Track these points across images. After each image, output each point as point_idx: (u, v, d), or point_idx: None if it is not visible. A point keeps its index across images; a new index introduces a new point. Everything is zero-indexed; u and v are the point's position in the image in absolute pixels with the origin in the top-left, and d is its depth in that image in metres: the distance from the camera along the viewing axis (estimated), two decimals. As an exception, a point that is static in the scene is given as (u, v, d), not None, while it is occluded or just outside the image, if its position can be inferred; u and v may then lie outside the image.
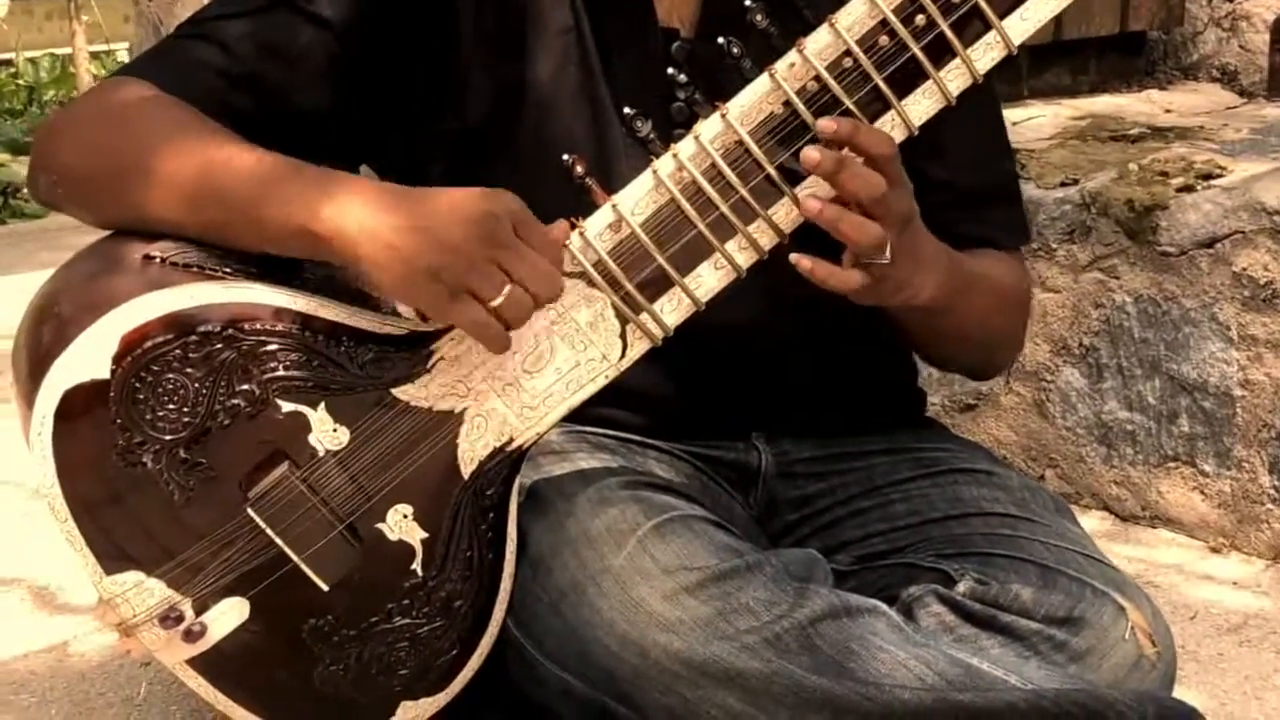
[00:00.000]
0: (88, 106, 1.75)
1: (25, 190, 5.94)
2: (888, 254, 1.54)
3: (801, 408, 1.88)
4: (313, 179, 1.55)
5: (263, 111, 1.67)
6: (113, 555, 1.57)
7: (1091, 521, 2.79)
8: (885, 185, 1.50)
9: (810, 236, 1.55)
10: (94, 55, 8.76)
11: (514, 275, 1.49)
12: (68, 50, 8.48)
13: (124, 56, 9.03)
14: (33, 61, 9.29)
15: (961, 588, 1.68)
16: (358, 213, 1.51)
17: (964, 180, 1.79)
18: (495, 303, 1.49)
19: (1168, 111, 3.34)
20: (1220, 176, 2.73)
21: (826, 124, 1.48)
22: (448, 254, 1.48)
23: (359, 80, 1.70)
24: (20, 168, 6.47)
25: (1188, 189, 2.71)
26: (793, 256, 1.53)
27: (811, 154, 1.48)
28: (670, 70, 1.71)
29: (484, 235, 1.48)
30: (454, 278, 1.48)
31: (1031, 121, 3.22)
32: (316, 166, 1.57)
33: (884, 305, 1.66)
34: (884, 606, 1.62)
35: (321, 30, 1.68)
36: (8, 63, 9.80)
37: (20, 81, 8.99)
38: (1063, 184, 2.85)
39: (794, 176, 1.52)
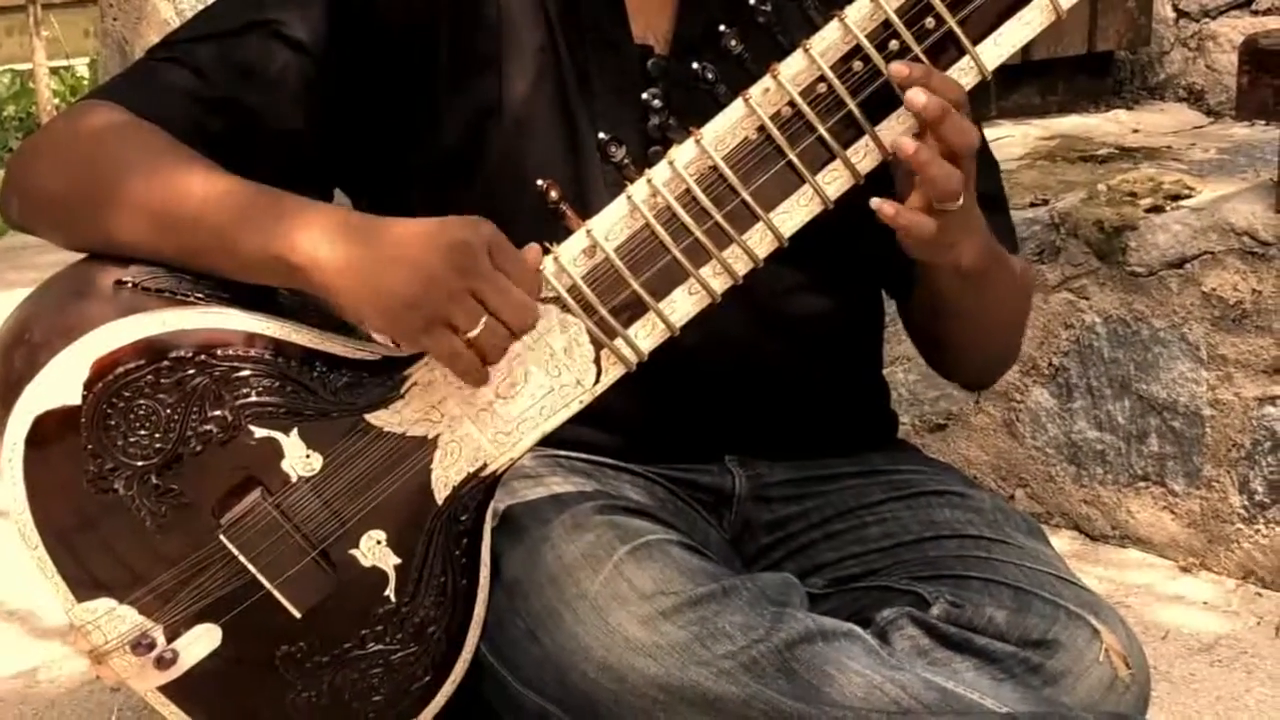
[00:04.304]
0: (61, 130, 1.73)
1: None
2: (961, 201, 1.55)
3: (775, 430, 1.88)
4: (289, 208, 1.54)
5: (237, 135, 1.66)
6: (84, 582, 1.56)
7: (1061, 541, 2.80)
8: (979, 137, 1.52)
9: (797, 255, 1.55)
10: (54, 71, 8.69)
11: (490, 306, 1.49)
12: (28, 66, 8.42)
13: (84, 72, 8.97)
14: (-9, 78, 9.24)
15: (936, 611, 1.68)
16: (333, 244, 1.50)
17: None
18: (471, 334, 1.49)
19: (1135, 131, 3.36)
20: (1189, 197, 2.75)
21: (899, 68, 1.48)
22: (424, 284, 1.47)
23: (334, 103, 1.69)
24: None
25: (1156, 209, 2.73)
26: (873, 201, 1.53)
27: (917, 97, 1.48)
28: (646, 95, 1.71)
29: (461, 264, 1.48)
30: (431, 308, 1.48)
31: (1001, 142, 3.23)
32: (292, 195, 1.56)
33: (933, 262, 1.67)
34: (859, 630, 1.61)
35: (295, 53, 1.68)
36: (-34, 79, 9.73)
37: (-21, 98, 8.93)
38: (1032, 204, 2.86)
39: (768, 201, 1.52)
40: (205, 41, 1.70)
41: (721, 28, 1.50)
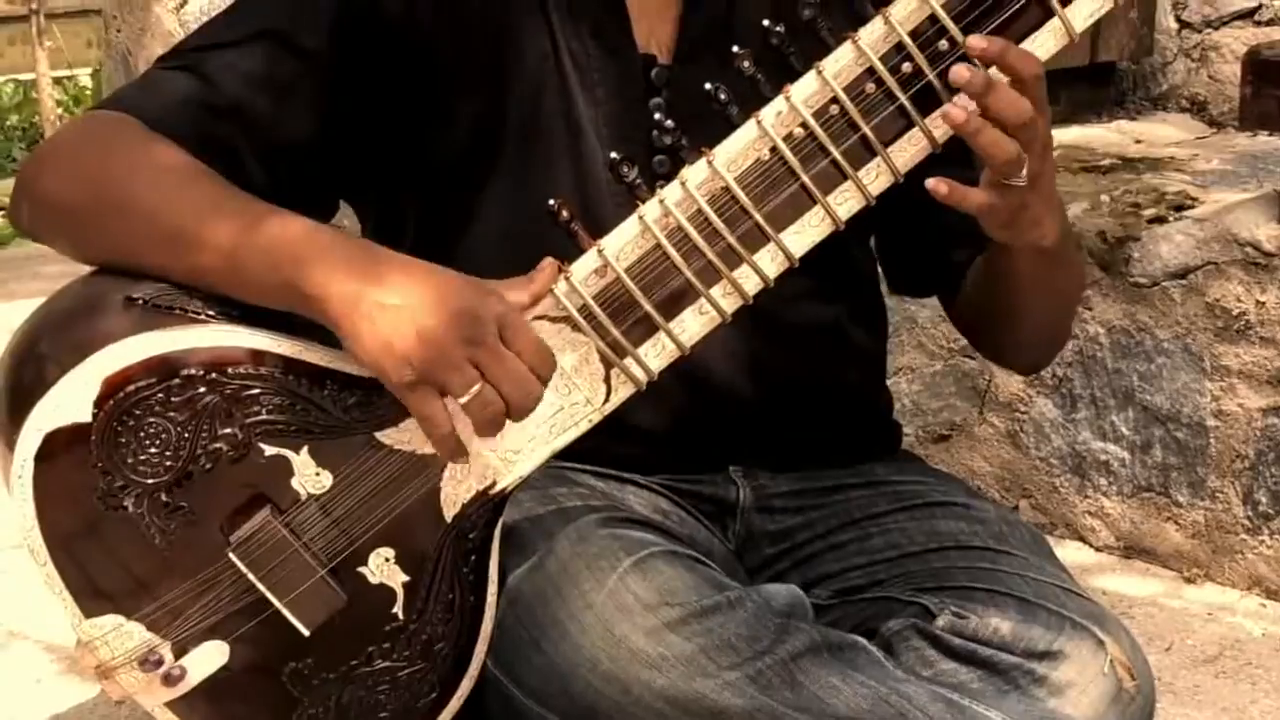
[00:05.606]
0: (72, 140, 1.73)
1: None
2: (1024, 175, 1.52)
3: (779, 440, 1.88)
4: (302, 234, 1.53)
5: (246, 143, 1.66)
6: (92, 598, 1.56)
7: (1066, 552, 2.80)
8: (1031, 110, 1.49)
9: (803, 265, 1.55)
10: (57, 80, 8.72)
11: (489, 376, 1.48)
12: (30, 76, 8.45)
13: (87, 82, 9.00)
14: (-6, 87, 9.26)
15: (941, 622, 1.68)
16: (344, 278, 1.49)
17: None
18: (462, 400, 1.49)
19: (1138, 142, 3.36)
20: (1192, 207, 2.75)
21: (976, 41, 1.47)
22: (424, 344, 1.47)
23: (340, 113, 1.69)
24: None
25: (1159, 220, 2.73)
26: (929, 182, 1.51)
27: (961, 72, 1.47)
28: (651, 105, 1.71)
29: (465, 334, 1.47)
30: (424, 368, 1.47)
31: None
32: (306, 220, 1.56)
33: (1017, 242, 1.64)
34: (865, 642, 1.62)
35: (304, 62, 1.68)
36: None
37: (-18, 107, 8.95)
38: (1035, 215, 2.86)
39: (780, 222, 1.52)
40: (213, 50, 1.70)
41: (735, 49, 1.50)
